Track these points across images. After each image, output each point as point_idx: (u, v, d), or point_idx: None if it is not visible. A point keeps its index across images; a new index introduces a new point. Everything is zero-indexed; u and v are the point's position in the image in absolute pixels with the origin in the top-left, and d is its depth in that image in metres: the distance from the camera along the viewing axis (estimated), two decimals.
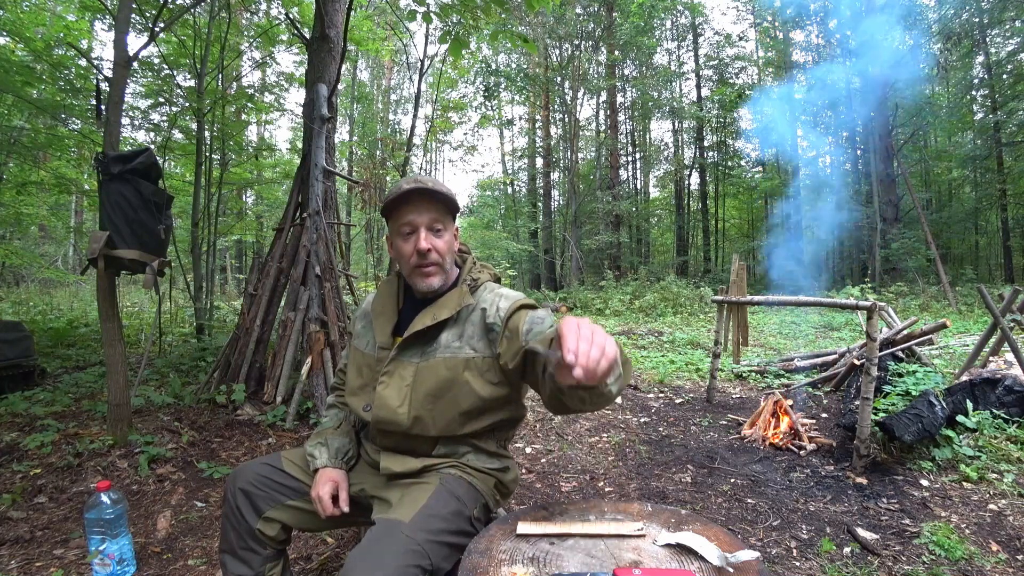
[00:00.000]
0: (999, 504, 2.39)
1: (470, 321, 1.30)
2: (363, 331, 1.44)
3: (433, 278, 1.31)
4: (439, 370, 1.26)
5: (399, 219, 1.30)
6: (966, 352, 4.96)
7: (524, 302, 1.29)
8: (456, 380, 1.26)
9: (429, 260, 1.28)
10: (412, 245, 1.28)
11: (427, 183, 1.27)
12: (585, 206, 18.13)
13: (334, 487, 1.32)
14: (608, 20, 16.78)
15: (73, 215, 13.15)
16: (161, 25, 3.69)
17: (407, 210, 1.28)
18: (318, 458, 1.37)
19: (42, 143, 6.54)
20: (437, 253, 1.29)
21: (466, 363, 1.26)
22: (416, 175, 1.32)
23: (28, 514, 2.25)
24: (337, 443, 1.41)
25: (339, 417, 1.50)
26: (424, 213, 1.28)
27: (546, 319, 1.25)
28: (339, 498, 1.32)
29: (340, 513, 1.31)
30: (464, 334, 1.29)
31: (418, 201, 1.28)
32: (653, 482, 2.79)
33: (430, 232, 1.29)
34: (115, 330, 2.72)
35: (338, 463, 1.38)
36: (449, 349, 1.28)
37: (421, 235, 1.27)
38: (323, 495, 1.30)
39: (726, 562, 0.95)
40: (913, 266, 13.17)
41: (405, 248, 1.30)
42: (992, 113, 14.69)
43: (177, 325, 7.31)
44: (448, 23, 4.72)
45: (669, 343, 7.22)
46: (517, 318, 1.25)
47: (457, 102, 14.91)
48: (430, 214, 1.28)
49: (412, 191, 1.26)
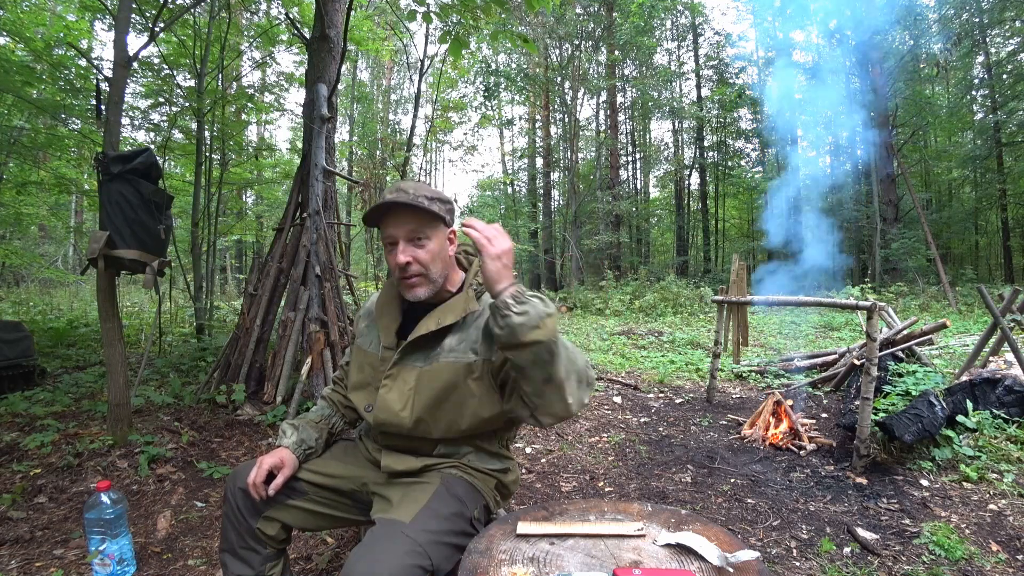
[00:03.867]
0: (999, 504, 2.39)
1: (475, 326, 1.29)
2: (366, 330, 1.44)
3: (418, 289, 1.30)
4: (442, 375, 1.26)
5: (383, 230, 1.29)
6: (966, 352, 4.96)
7: None
8: (459, 385, 1.26)
9: (410, 272, 1.27)
10: (394, 258, 1.28)
11: (405, 195, 1.24)
12: (585, 206, 18.13)
13: (279, 463, 1.32)
14: (608, 20, 16.78)
15: (73, 215, 13.15)
16: (161, 25, 3.69)
17: (388, 221, 1.27)
18: (286, 436, 1.40)
19: (42, 143, 6.54)
20: (419, 264, 1.27)
21: (469, 368, 1.26)
22: (399, 183, 1.29)
23: (28, 514, 2.25)
24: (307, 434, 1.42)
25: (323, 413, 1.51)
26: (402, 225, 1.26)
27: None
28: (274, 480, 1.30)
29: (263, 494, 1.28)
30: (468, 339, 1.29)
31: (398, 212, 1.26)
32: (653, 482, 2.79)
33: (410, 244, 1.27)
34: (115, 330, 2.72)
35: (299, 452, 1.38)
36: (453, 354, 1.28)
37: (399, 248, 1.26)
38: (264, 462, 1.30)
39: (726, 562, 0.95)
40: (913, 266, 13.17)
41: (390, 260, 1.29)
42: (992, 113, 14.69)
43: (177, 325, 7.31)
44: (448, 23, 4.72)
45: (669, 343, 7.22)
46: None
47: (457, 102, 14.92)
48: (408, 226, 1.26)
49: (388, 204, 1.25)
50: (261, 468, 1.29)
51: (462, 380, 1.26)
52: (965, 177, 18.28)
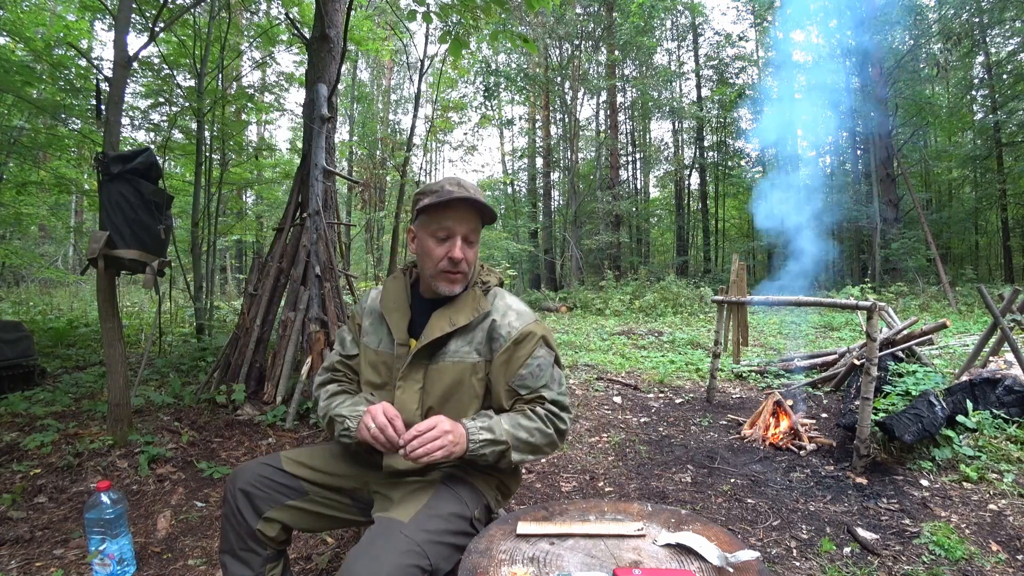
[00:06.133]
0: (999, 504, 2.39)
1: (480, 327, 1.31)
2: (372, 328, 1.42)
3: (457, 285, 1.32)
4: (448, 373, 1.28)
5: (437, 220, 1.28)
6: (966, 352, 4.96)
7: (534, 328, 1.31)
8: (463, 383, 1.28)
9: (459, 269, 1.29)
10: (445, 251, 1.27)
11: (471, 191, 1.26)
12: (585, 206, 18.13)
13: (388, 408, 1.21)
14: (608, 20, 16.78)
15: (73, 215, 13.15)
16: (161, 25, 3.69)
17: (448, 215, 1.27)
18: (360, 403, 1.31)
19: (42, 143, 6.54)
20: (467, 263, 1.30)
21: (473, 367, 1.28)
22: (459, 178, 1.26)
23: (28, 514, 2.25)
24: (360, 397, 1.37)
25: (343, 387, 1.44)
26: (464, 223, 1.28)
27: (544, 371, 1.29)
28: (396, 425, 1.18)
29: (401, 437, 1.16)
30: (474, 340, 1.30)
31: (461, 208, 1.26)
32: (653, 482, 2.79)
33: (464, 242, 1.29)
34: (115, 330, 2.72)
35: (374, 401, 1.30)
36: (458, 354, 1.29)
37: (457, 244, 1.27)
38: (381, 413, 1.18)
39: (726, 562, 0.95)
40: (913, 266, 13.17)
41: (436, 251, 1.28)
42: (992, 113, 14.69)
43: (177, 325, 7.31)
44: (448, 23, 4.72)
45: (669, 343, 7.22)
46: (522, 350, 1.28)
47: (457, 102, 14.91)
48: (469, 224, 1.28)
49: (458, 199, 1.24)
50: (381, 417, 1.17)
51: (467, 379, 1.28)
52: (965, 177, 18.29)
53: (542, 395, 1.28)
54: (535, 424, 1.25)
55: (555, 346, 1.36)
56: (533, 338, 1.30)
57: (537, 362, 1.29)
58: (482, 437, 1.19)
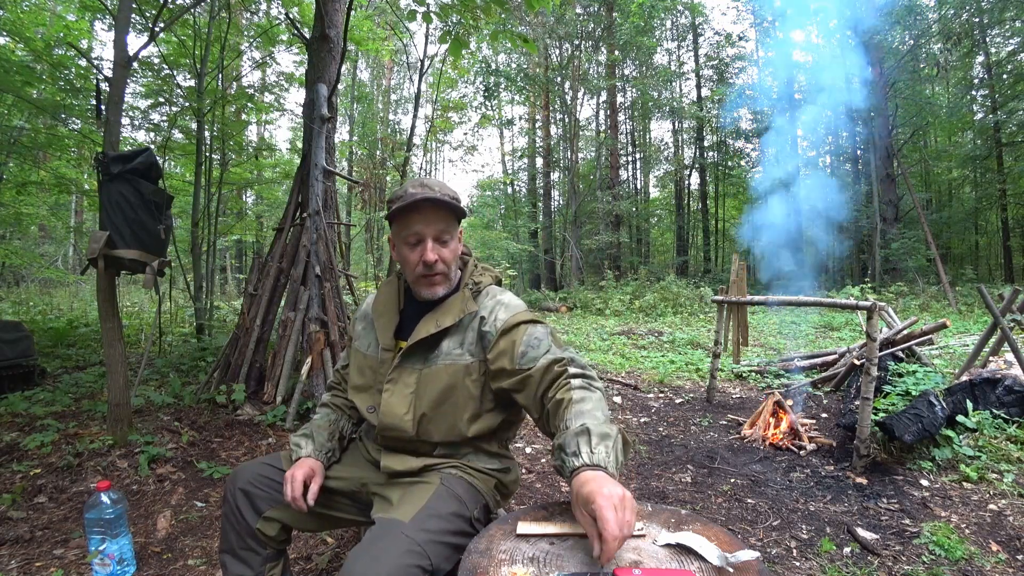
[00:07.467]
0: (999, 504, 2.39)
1: (471, 328, 1.29)
2: (363, 332, 1.43)
3: (438, 287, 1.30)
4: (441, 377, 1.27)
5: (406, 226, 1.27)
6: (966, 352, 4.96)
7: (523, 316, 1.27)
8: (457, 386, 1.26)
9: (435, 271, 1.28)
10: (418, 255, 1.26)
11: (435, 191, 1.24)
12: (585, 206, 18.13)
13: (310, 473, 1.30)
14: (608, 20, 16.78)
15: (73, 215, 13.15)
16: (161, 25, 3.68)
17: (414, 219, 1.26)
18: (303, 448, 1.36)
19: (42, 143, 6.54)
20: (443, 263, 1.28)
21: (466, 369, 1.27)
22: (422, 179, 1.26)
23: (28, 514, 2.25)
24: (322, 439, 1.40)
25: (330, 419, 1.47)
26: (432, 224, 1.26)
27: (542, 341, 1.23)
28: (309, 489, 1.28)
29: (304, 507, 1.26)
30: (465, 341, 1.29)
31: (426, 210, 1.25)
32: (653, 482, 2.79)
33: (437, 243, 1.27)
34: (115, 330, 2.72)
35: (321, 457, 1.36)
36: (450, 356, 1.28)
37: (428, 247, 1.25)
38: (297, 476, 1.27)
39: (726, 562, 0.95)
40: (913, 266, 13.18)
41: (411, 257, 1.28)
42: (992, 113, 14.69)
43: (177, 325, 7.32)
44: (448, 23, 4.72)
45: (669, 343, 7.22)
46: (513, 335, 1.24)
47: (457, 102, 14.93)
48: (437, 225, 1.26)
49: (421, 200, 1.23)
50: (296, 483, 1.26)
51: (460, 381, 1.26)
52: (965, 177, 18.28)
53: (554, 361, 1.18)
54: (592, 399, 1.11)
55: (549, 327, 1.29)
56: (521, 324, 1.25)
57: (533, 336, 1.23)
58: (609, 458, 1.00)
